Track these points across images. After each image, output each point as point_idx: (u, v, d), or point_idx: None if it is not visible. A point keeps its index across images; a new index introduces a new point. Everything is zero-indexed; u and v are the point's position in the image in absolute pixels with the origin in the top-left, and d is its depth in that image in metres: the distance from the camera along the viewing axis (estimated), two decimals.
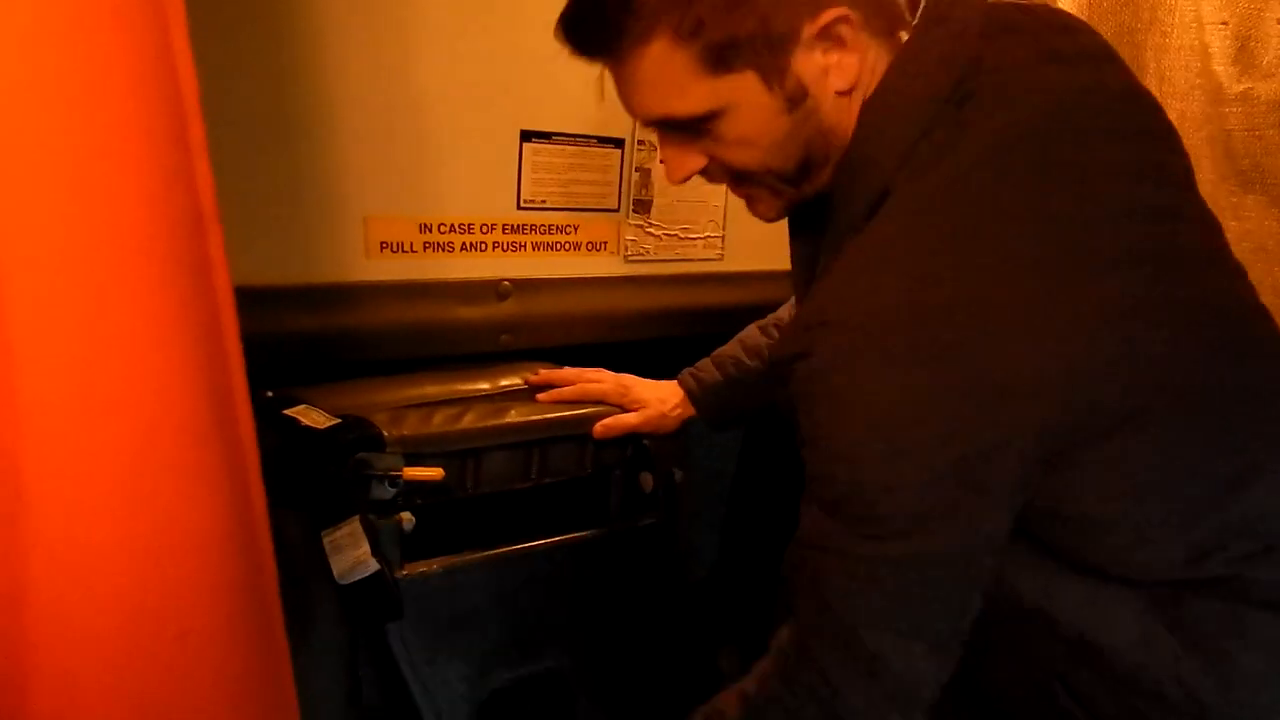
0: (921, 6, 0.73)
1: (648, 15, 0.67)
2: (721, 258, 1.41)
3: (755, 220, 1.51)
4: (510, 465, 1.08)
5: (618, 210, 1.29)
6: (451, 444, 1.01)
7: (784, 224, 1.52)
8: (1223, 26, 1.15)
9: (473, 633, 1.06)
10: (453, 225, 1.14)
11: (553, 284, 1.23)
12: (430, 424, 1.00)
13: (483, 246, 1.17)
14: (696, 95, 0.69)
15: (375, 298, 1.09)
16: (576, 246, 1.26)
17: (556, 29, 0.74)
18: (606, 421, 1.11)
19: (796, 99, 0.70)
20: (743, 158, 0.73)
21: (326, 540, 0.91)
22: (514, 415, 1.07)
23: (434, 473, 0.96)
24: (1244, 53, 1.11)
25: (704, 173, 0.77)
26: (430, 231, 1.12)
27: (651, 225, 1.33)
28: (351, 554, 0.90)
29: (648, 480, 1.18)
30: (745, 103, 0.70)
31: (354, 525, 0.91)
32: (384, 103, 1.06)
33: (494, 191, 1.16)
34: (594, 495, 1.16)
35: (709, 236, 1.40)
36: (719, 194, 1.40)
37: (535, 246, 1.22)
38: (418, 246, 1.12)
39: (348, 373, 1.06)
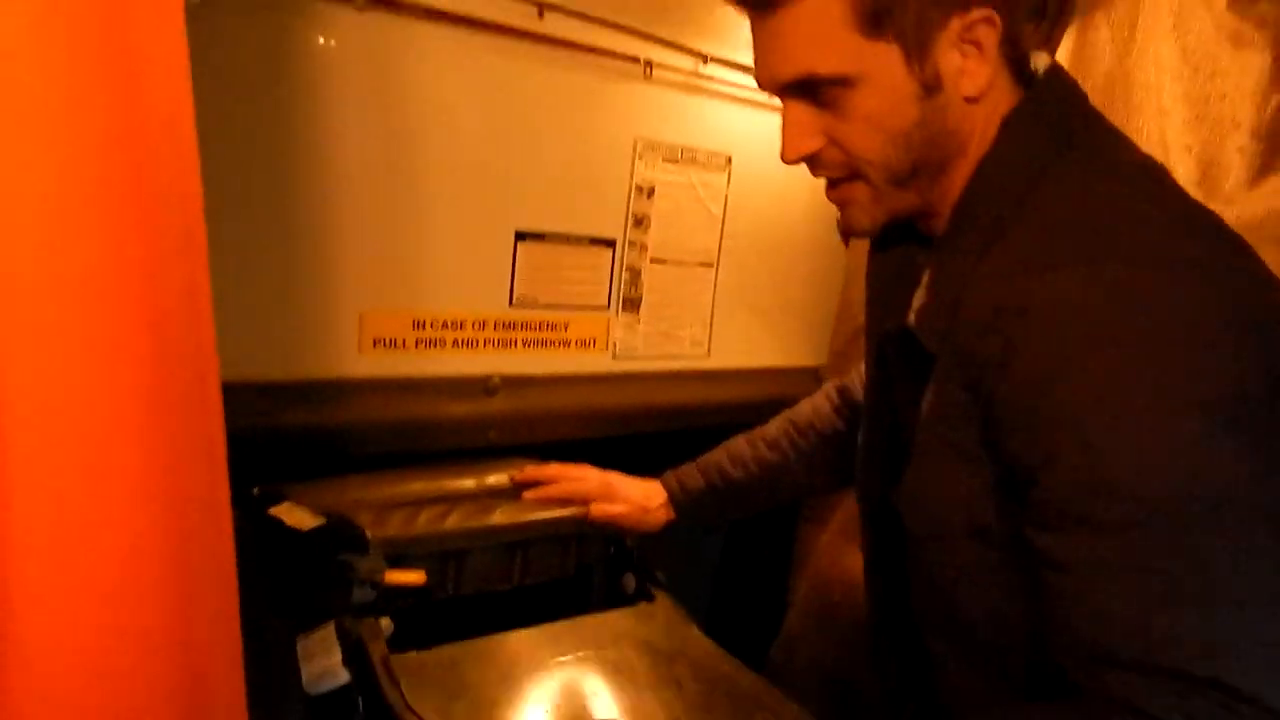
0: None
1: None
2: (708, 355, 1.43)
3: (740, 318, 1.55)
4: (493, 565, 1.06)
5: (608, 308, 1.31)
6: (435, 545, 1.00)
7: (774, 317, 1.57)
8: (1187, 151, 1.21)
9: None
10: (445, 321, 1.15)
11: (541, 380, 1.24)
12: (415, 525, 1.00)
13: (474, 343, 1.18)
14: (842, 53, 0.68)
15: (366, 393, 1.09)
16: (566, 343, 1.27)
17: None
18: (596, 508, 1.12)
19: (931, 88, 0.70)
20: (864, 141, 0.72)
21: (300, 645, 0.89)
22: (498, 516, 1.06)
23: (416, 576, 0.95)
24: (1206, 179, 1.17)
25: (813, 162, 0.76)
26: (423, 328, 1.14)
27: (640, 323, 1.35)
28: (322, 661, 0.87)
29: (630, 581, 1.17)
30: (884, 76, 0.69)
31: (328, 631, 0.89)
32: (382, 201, 1.08)
33: (487, 289, 1.18)
34: (576, 595, 1.15)
35: (696, 334, 1.42)
36: (707, 291, 1.43)
37: (525, 343, 1.23)
38: (410, 342, 1.13)
39: (337, 467, 1.06)
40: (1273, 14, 1.09)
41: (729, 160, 1.40)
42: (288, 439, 1.03)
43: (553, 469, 1.15)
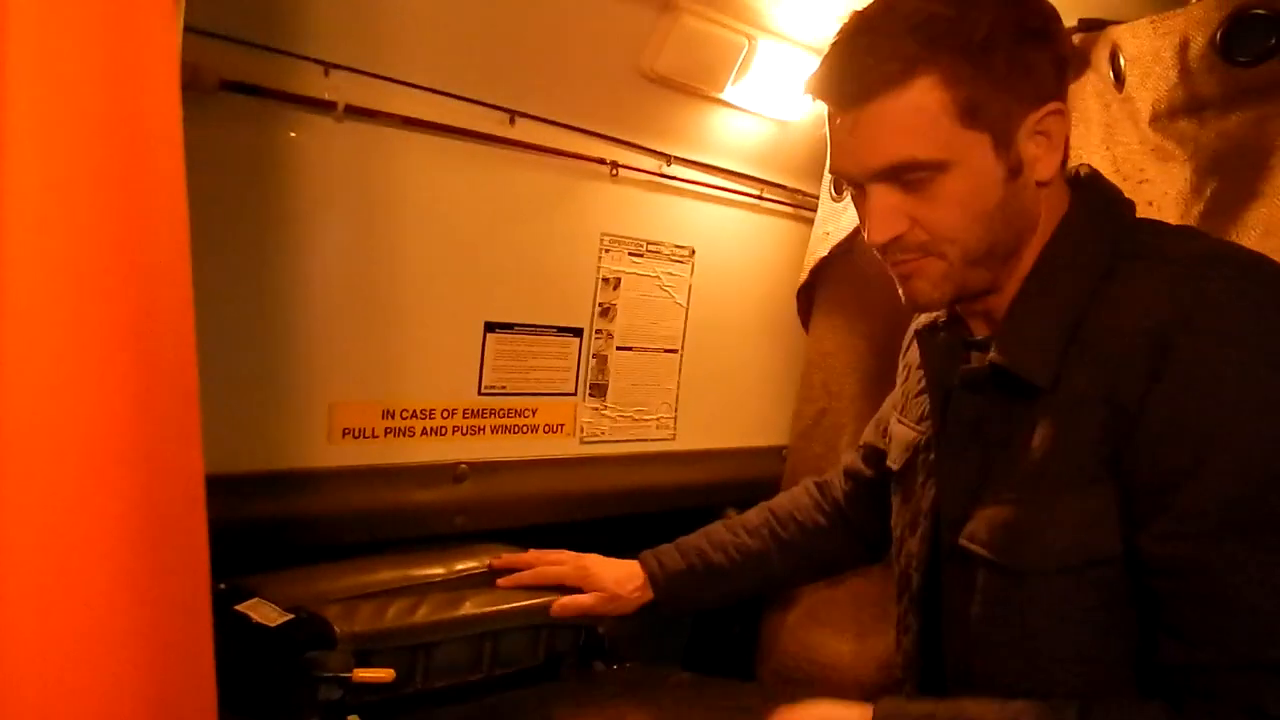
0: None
1: (928, 48, 0.72)
2: (674, 438, 1.47)
3: (706, 401, 1.60)
4: (463, 655, 1.06)
5: (575, 394, 1.35)
6: (404, 639, 1.00)
7: (738, 398, 1.61)
8: None
9: None
10: (415, 411, 1.19)
11: (509, 465, 1.27)
12: (383, 618, 1.00)
13: (443, 430, 1.22)
14: (939, 141, 0.73)
15: (336, 482, 1.12)
16: (534, 429, 1.31)
17: (818, 83, 0.79)
18: (563, 601, 1.11)
19: (1015, 172, 0.76)
20: (948, 222, 0.77)
21: None
22: (468, 607, 1.06)
23: (384, 674, 0.94)
24: None
25: (893, 244, 0.79)
26: (393, 417, 1.17)
27: (607, 408, 1.39)
28: None
29: (600, 669, 1.17)
30: (975, 162, 0.75)
31: None
32: (354, 295, 1.13)
33: (456, 378, 1.22)
34: (545, 683, 1.15)
35: (662, 417, 1.46)
36: (672, 376, 1.48)
37: (494, 429, 1.26)
38: (379, 432, 1.16)
39: (307, 556, 1.07)
40: (1191, 131, 1.17)
41: (692, 252, 1.46)
42: (257, 529, 1.05)
43: (528, 555, 1.16)
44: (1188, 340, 0.69)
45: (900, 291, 0.84)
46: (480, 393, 1.25)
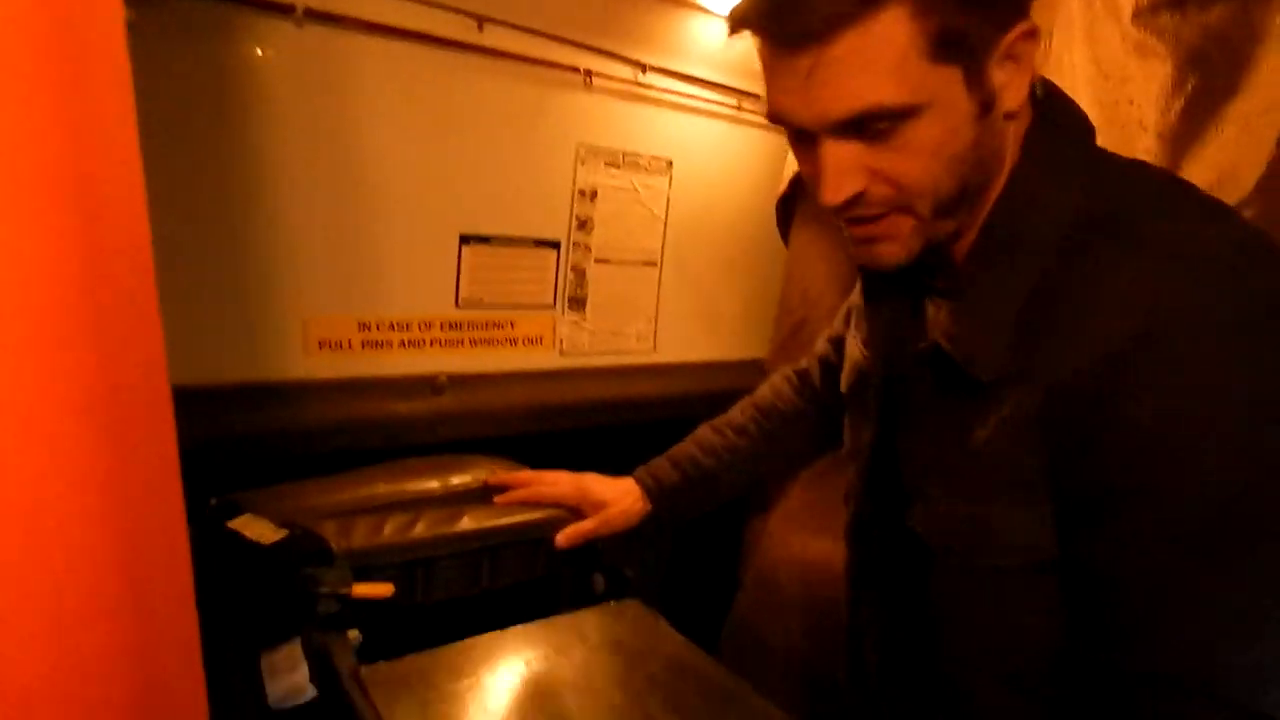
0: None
1: None
2: (654, 350, 1.48)
3: (684, 314, 1.60)
4: (461, 571, 1.04)
5: (554, 307, 1.36)
6: (402, 555, 0.98)
7: (717, 311, 1.62)
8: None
9: None
10: (392, 323, 1.19)
11: (489, 378, 1.29)
12: (380, 534, 0.98)
13: (421, 343, 1.22)
14: (910, 82, 0.63)
15: (314, 394, 1.13)
16: (513, 341, 1.32)
17: (749, 14, 0.67)
18: (566, 532, 1.10)
19: (986, 107, 0.67)
20: (918, 172, 0.68)
21: (265, 661, 0.86)
22: (466, 522, 1.05)
23: (383, 589, 0.92)
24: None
25: (853, 201, 0.70)
26: (370, 330, 1.18)
27: (586, 321, 1.40)
28: (288, 678, 0.86)
29: (599, 581, 1.16)
30: (946, 102, 0.65)
31: (294, 648, 0.87)
32: (327, 207, 1.12)
33: (433, 292, 1.22)
34: (544, 595, 1.14)
35: (641, 330, 1.47)
36: (651, 289, 1.48)
37: (472, 342, 1.27)
38: (356, 344, 1.17)
39: (288, 470, 1.09)
40: (1172, 26, 1.15)
41: (670, 164, 1.45)
42: (236, 442, 1.06)
43: (524, 474, 1.16)
44: (1157, 357, 0.62)
45: (859, 255, 0.75)
46: (458, 305, 1.25)
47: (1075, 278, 0.67)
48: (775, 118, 0.71)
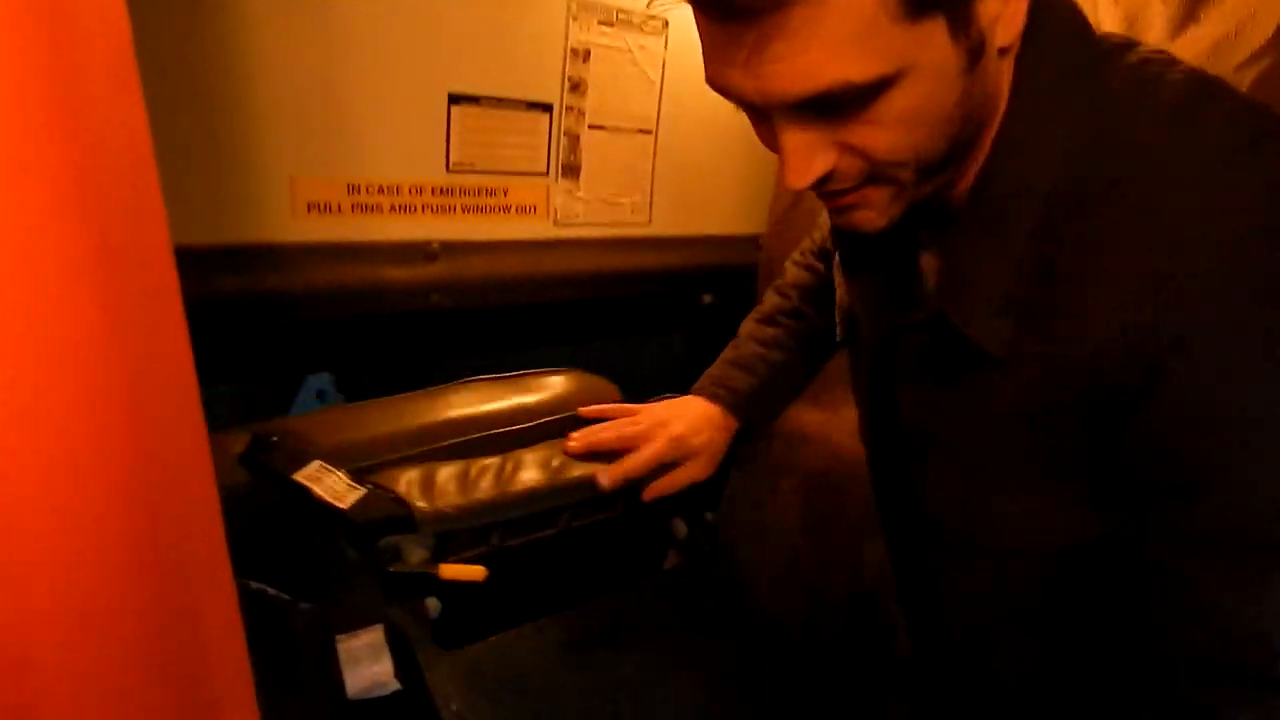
0: None
1: None
2: (649, 222, 1.45)
3: (680, 186, 1.56)
4: (541, 517, 0.97)
5: (547, 174, 1.31)
6: (495, 515, 0.88)
7: (714, 185, 1.57)
8: (1114, 4, 1.22)
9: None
10: (381, 187, 1.15)
11: (483, 246, 1.25)
12: (469, 489, 0.87)
13: (412, 208, 1.18)
14: (880, 49, 0.52)
15: (304, 258, 1.09)
16: (506, 210, 1.28)
17: None
18: (658, 486, 1.03)
19: (976, 54, 0.56)
20: (895, 143, 0.57)
21: (342, 647, 0.76)
22: (576, 470, 0.94)
23: (476, 573, 0.82)
24: (1132, 30, 1.19)
25: (822, 180, 0.61)
26: (359, 193, 1.13)
27: (581, 189, 1.36)
28: (370, 669, 0.76)
29: (680, 527, 1.11)
30: (928, 61, 0.54)
31: (376, 635, 0.76)
32: (311, 64, 1.06)
33: (422, 154, 1.18)
34: (621, 543, 1.06)
35: (637, 201, 1.43)
36: (646, 159, 1.43)
37: (465, 209, 1.23)
38: (346, 207, 1.13)
39: (282, 333, 1.06)
40: None
41: (666, 24, 1.38)
42: (225, 305, 1.04)
43: (611, 407, 1.08)
44: (1187, 359, 0.55)
45: (836, 221, 0.67)
46: (449, 170, 1.20)
47: (1083, 232, 0.59)
48: (721, 90, 0.60)
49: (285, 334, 1.08)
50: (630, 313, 1.24)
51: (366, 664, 0.75)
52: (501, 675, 0.85)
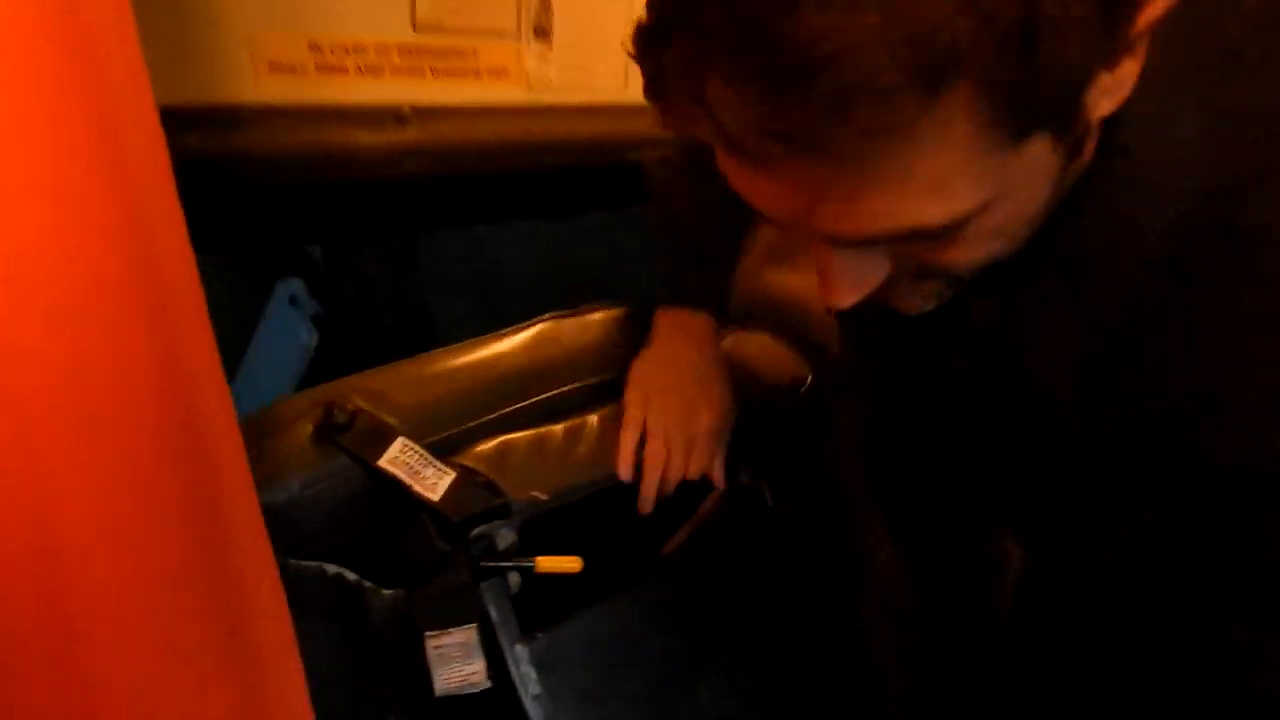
0: None
1: (946, 55, 0.37)
2: (625, 89, 1.41)
3: None
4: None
5: (518, 37, 1.26)
6: (576, 495, 0.84)
7: None
8: None
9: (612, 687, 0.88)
10: (346, 46, 1.10)
11: (455, 111, 1.21)
12: (549, 471, 0.83)
13: (379, 70, 1.13)
14: (974, 186, 0.44)
15: (269, 120, 1.05)
16: (477, 73, 1.23)
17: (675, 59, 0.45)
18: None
19: (1079, 145, 0.47)
20: (975, 257, 0.49)
21: (431, 645, 0.73)
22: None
23: (572, 564, 0.79)
24: None
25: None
26: (322, 52, 1.08)
27: (553, 53, 1.31)
28: (461, 669, 0.73)
29: (745, 474, 1.08)
30: (1025, 180, 0.46)
31: (470, 635, 0.74)
32: None
33: (386, 9, 1.12)
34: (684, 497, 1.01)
35: (611, 67, 1.39)
36: (620, 22, 1.38)
37: (434, 71, 1.19)
38: (310, 68, 1.08)
39: (252, 198, 1.02)
40: None
41: None
42: (188, 167, 0.99)
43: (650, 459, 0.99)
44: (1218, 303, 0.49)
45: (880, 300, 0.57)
46: (415, 29, 1.15)
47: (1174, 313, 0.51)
48: (761, 211, 0.50)
49: (257, 201, 1.05)
50: (616, 183, 1.21)
51: (458, 664, 0.73)
52: (580, 656, 0.83)
